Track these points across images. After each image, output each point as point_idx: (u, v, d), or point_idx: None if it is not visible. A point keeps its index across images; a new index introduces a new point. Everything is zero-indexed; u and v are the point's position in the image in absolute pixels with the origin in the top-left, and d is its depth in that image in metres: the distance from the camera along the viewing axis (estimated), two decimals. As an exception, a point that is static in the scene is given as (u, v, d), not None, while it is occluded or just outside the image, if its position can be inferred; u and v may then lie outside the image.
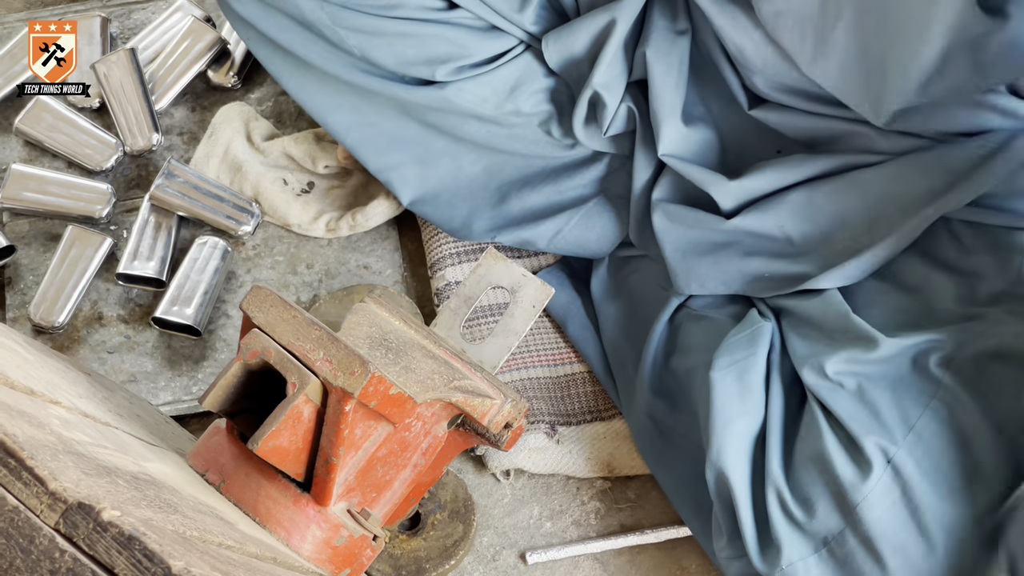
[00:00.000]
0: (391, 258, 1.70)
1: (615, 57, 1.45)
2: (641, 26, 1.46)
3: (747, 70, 1.42)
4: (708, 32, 1.41)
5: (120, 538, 0.75)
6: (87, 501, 0.75)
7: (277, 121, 1.82)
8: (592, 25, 1.45)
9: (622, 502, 1.54)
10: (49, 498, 0.76)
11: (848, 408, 1.29)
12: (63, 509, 0.75)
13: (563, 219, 1.57)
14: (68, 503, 0.75)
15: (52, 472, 0.77)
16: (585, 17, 1.45)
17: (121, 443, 1.01)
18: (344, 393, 1.08)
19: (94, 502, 0.75)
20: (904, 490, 1.24)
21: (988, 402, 1.26)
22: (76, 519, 0.75)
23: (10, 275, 1.69)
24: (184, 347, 1.64)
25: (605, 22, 1.44)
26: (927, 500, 1.23)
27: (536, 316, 1.35)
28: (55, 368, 1.15)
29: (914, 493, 1.23)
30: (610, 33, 1.43)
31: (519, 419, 1.29)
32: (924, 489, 1.23)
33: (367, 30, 1.50)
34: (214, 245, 1.66)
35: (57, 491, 0.76)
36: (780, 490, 1.29)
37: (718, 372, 1.37)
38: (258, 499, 1.15)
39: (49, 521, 0.75)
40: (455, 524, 1.48)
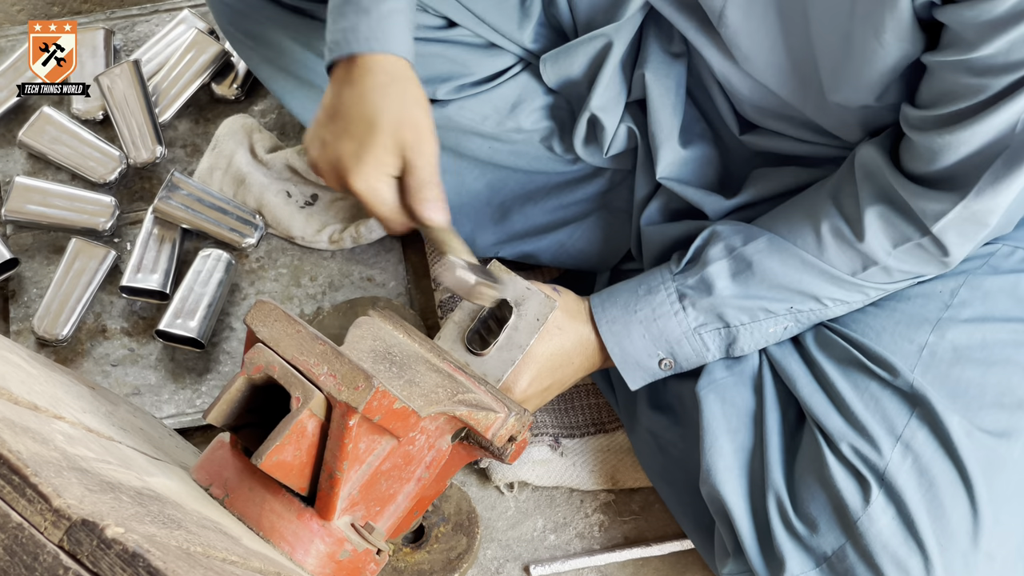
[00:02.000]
0: (395, 270, 1.70)
1: (612, 79, 1.45)
2: (638, 47, 1.47)
3: (735, 97, 1.43)
4: (700, 57, 1.41)
5: (124, 555, 0.75)
6: (91, 518, 0.75)
7: (280, 133, 1.82)
8: (589, 48, 1.45)
9: (626, 515, 1.54)
10: (53, 515, 0.76)
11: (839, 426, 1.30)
12: (67, 526, 0.75)
13: (566, 233, 1.58)
14: (72, 520, 0.75)
15: (56, 489, 0.77)
16: (582, 40, 1.45)
17: (125, 458, 1.01)
18: (348, 408, 1.08)
19: (98, 519, 0.75)
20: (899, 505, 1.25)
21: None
22: (80, 536, 0.75)
23: (14, 288, 1.69)
24: (188, 360, 1.64)
25: (602, 44, 1.44)
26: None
27: (540, 328, 1.35)
28: (59, 382, 1.15)
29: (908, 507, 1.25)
30: (607, 55, 1.44)
31: (523, 432, 1.29)
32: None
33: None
34: (218, 258, 1.66)
35: (61, 508, 0.76)
36: (783, 504, 1.30)
37: (702, 389, 1.38)
38: (262, 513, 1.14)
39: (53, 538, 0.75)
40: (459, 537, 1.48)
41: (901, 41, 1.16)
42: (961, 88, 1.14)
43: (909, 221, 1.25)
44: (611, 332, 1.39)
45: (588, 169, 1.55)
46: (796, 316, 1.36)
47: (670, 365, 1.40)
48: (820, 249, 1.32)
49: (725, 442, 1.35)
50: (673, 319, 1.37)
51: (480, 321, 1.36)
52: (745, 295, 1.35)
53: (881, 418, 1.29)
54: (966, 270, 1.35)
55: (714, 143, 1.50)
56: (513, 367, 1.34)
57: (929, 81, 1.19)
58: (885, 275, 1.31)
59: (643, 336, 1.38)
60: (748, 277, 1.35)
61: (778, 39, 1.26)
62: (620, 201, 1.55)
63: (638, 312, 1.38)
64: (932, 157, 1.20)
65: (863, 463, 1.27)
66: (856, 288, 1.33)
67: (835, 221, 1.30)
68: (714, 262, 1.36)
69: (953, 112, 1.16)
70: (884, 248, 1.28)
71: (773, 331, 1.37)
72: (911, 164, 1.24)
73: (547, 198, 1.57)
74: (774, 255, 1.34)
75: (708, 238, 1.38)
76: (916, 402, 1.29)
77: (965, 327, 1.33)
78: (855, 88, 1.24)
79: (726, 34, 1.28)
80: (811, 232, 1.32)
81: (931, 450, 1.27)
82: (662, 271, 1.40)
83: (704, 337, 1.37)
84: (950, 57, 1.13)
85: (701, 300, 1.36)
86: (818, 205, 1.32)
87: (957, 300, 1.34)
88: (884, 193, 1.26)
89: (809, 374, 1.36)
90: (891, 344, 1.33)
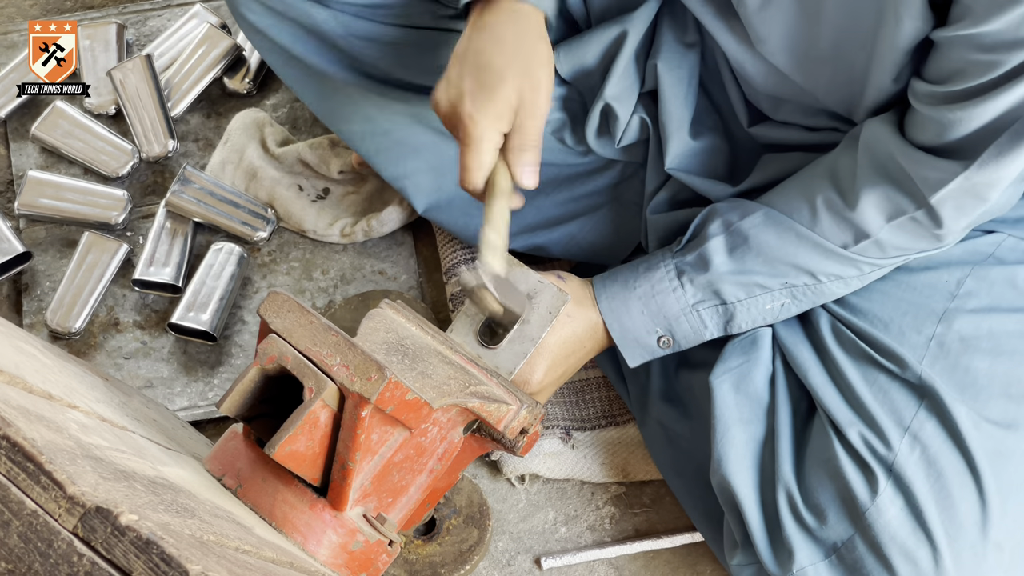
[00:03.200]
0: (406, 263, 1.71)
1: (626, 69, 1.45)
2: (652, 38, 1.47)
3: (748, 86, 1.42)
4: (715, 46, 1.41)
5: (138, 542, 0.75)
6: (105, 505, 0.76)
7: (292, 127, 1.82)
8: (603, 37, 1.45)
9: (637, 507, 1.54)
10: (67, 502, 0.76)
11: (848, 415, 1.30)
12: (81, 513, 0.76)
13: (577, 225, 1.58)
14: (86, 507, 0.76)
15: (70, 476, 0.77)
16: (596, 29, 1.45)
17: (138, 447, 1.02)
18: (361, 398, 1.08)
19: (112, 506, 0.76)
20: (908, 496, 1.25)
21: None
22: (94, 523, 0.75)
23: (27, 281, 1.69)
24: (200, 353, 1.64)
25: (616, 34, 1.44)
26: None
27: (552, 322, 1.35)
28: (73, 373, 1.16)
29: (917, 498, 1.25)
30: (621, 45, 1.43)
31: (534, 424, 1.29)
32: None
33: (380, 39, 1.51)
34: (230, 251, 1.67)
35: (75, 495, 0.76)
36: (792, 495, 1.30)
37: (716, 378, 1.38)
38: (274, 504, 1.15)
39: (67, 525, 0.76)
40: (470, 529, 1.48)
41: (914, 20, 1.16)
42: (971, 65, 1.14)
43: (905, 193, 1.25)
44: (610, 309, 1.39)
45: (599, 161, 1.55)
46: (792, 292, 1.36)
47: (668, 343, 1.40)
48: (814, 221, 1.32)
49: (737, 432, 1.35)
50: (671, 296, 1.38)
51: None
52: (741, 270, 1.35)
53: (890, 409, 1.29)
54: (972, 261, 1.35)
55: (724, 135, 1.50)
56: (525, 360, 1.34)
57: (938, 57, 1.19)
58: (878, 249, 1.31)
59: (641, 312, 1.38)
60: (744, 252, 1.35)
61: (795, 22, 1.26)
62: (631, 193, 1.55)
63: (637, 288, 1.39)
64: (940, 131, 1.20)
65: (871, 454, 1.27)
66: (850, 263, 1.33)
67: (829, 194, 1.30)
68: (712, 238, 1.36)
69: (964, 89, 1.16)
70: (877, 222, 1.28)
71: (770, 308, 1.37)
72: (918, 136, 1.23)
73: (558, 190, 1.57)
74: (769, 228, 1.34)
75: (707, 216, 1.39)
76: (924, 393, 1.29)
77: (972, 317, 1.33)
78: (872, 72, 1.24)
79: (744, 15, 1.28)
80: (806, 205, 1.32)
81: (939, 441, 1.27)
82: (663, 251, 1.40)
83: (702, 314, 1.38)
84: (960, 32, 1.13)
85: (699, 276, 1.36)
86: (814, 179, 1.33)
87: (963, 291, 1.34)
88: (883, 166, 1.26)
89: (820, 365, 1.36)
90: (899, 335, 1.33)
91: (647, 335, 1.39)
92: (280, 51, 1.56)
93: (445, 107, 1.31)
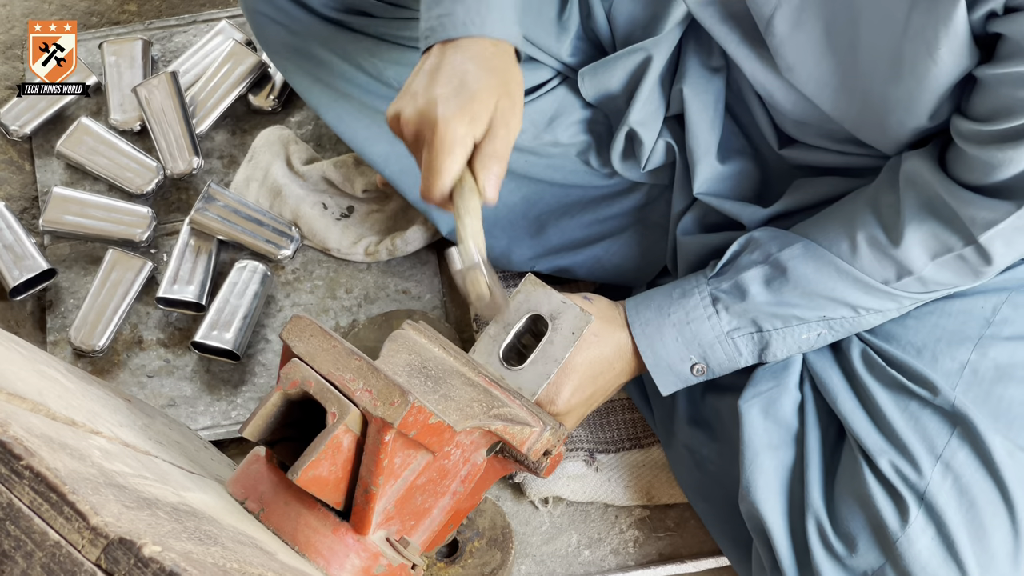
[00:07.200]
0: (430, 283, 1.70)
1: (651, 94, 1.44)
2: (677, 62, 1.46)
3: (775, 111, 1.42)
4: (740, 72, 1.40)
5: (161, 574, 0.75)
6: (128, 536, 0.75)
7: (317, 145, 1.82)
8: (628, 62, 1.44)
9: (661, 531, 1.53)
10: (91, 533, 0.76)
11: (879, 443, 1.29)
12: (104, 544, 0.75)
13: (602, 248, 1.57)
14: (109, 538, 0.75)
15: (93, 507, 0.77)
16: (621, 54, 1.45)
17: (161, 473, 1.02)
18: (384, 423, 1.08)
19: (135, 537, 0.75)
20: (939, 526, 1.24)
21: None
22: (117, 555, 0.75)
23: (51, 298, 1.69)
24: (223, 371, 1.64)
25: (641, 59, 1.43)
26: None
27: (575, 342, 1.34)
28: (95, 396, 1.16)
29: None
30: (646, 70, 1.43)
31: (558, 446, 1.28)
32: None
33: (404, 62, 1.51)
34: (253, 269, 1.67)
35: (99, 526, 0.76)
36: (822, 523, 1.28)
37: (744, 403, 1.37)
38: (297, 528, 1.14)
39: (90, 556, 0.75)
40: (493, 552, 1.47)
41: (956, 56, 1.14)
42: (1020, 103, 1.12)
43: (953, 231, 1.24)
44: (644, 334, 1.38)
45: (625, 184, 1.54)
46: (829, 324, 1.35)
47: (702, 371, 1.39)
48: (855, 257, 1.31)
49: (766, 458, 1.34)
50: (706, 323, 1.37)
51: (516, 335, 1.36)
52: (778, 302, 1.34)
53: (921, 437, 1.28)
54: (1008, 287, 1.34)
55: (753, 158, 1.49)
56: (548, 381, 1.33)
57: (983, 95, 1.17)
58: (920, 285, 1.30)
59: (676, 339, 1.37)
60: (782, 283, 1.34)
61: (825, 52, 1.25)
62: (657, 216, 1.54)
63: (672, 315, 1.38)
64: (989, 171, 1.18)
65: (903, 482, 1.26)
66: (889, 297, 1.32)
67: (872, 230, 1.29)
68: (749, 268, 1.35)
69: (1013, 128, 1.14)
70: (922, 259, 1.27)
71: (806, 337, 1.36)
72: (963, 175, 1.22)
73: (583, 212, 1.56)
74: (809, 262, 1.33)
75: (745, 244, 1.38)
76: (957, 421, 1.27)
77: (1007, 345, 1.32)
78: (907, 110, 1.23)
79: (772, 43, 1.27)
80: (847, 240, 1.31)
81: (972, 470, 1.25)
82: (697, 276, 1.39)
83: (737, 341, 1.37)
84: (1009, 69, 1.11)
85: (735, 305, 1.35)
86: (855, 213, 1.31)
87: (999, 317, 1.33)
88: (929, 203, 1.24)
89: (850, 390, 1.34)
90: (932, 362, 1.32)
91: (681, 362, 1.38)
92: (304, 73, 1.57)
93: (410, 115, 1.25)
